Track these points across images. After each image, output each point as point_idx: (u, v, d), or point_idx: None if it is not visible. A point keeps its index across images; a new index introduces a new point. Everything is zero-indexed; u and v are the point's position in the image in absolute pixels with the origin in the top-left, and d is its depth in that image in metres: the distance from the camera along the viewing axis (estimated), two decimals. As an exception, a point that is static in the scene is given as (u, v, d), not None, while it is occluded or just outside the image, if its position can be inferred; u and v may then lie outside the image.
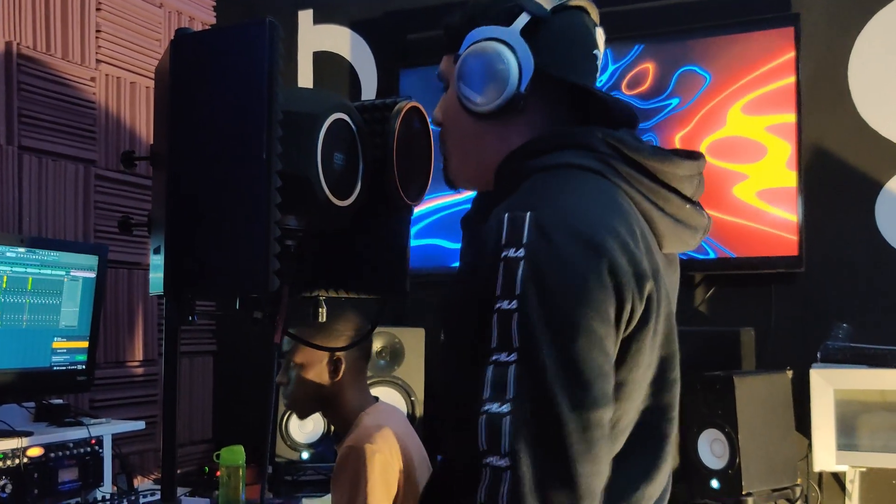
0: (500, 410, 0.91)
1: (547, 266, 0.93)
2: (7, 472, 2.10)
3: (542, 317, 0.92)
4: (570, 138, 1.09)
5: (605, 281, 0.94)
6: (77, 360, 2.43)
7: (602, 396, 0.93)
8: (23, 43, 2.67)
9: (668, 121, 2.78)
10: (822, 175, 2.67)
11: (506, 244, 0.95)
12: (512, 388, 0.91)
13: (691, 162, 1.09)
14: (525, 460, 0.89)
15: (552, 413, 0.90)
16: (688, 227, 1.12)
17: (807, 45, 2.66)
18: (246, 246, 1.14)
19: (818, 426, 2.29)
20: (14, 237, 2.35)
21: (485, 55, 1.10)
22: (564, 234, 0.95)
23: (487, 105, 1.10)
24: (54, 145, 2.75)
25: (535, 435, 0.90)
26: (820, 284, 2.67)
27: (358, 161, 1.30)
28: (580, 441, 0.90)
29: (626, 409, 1.01)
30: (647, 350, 1.00)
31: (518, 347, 0.92)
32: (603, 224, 0.98)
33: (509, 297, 0.93)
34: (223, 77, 1.16)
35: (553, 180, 1.05)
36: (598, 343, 0.93)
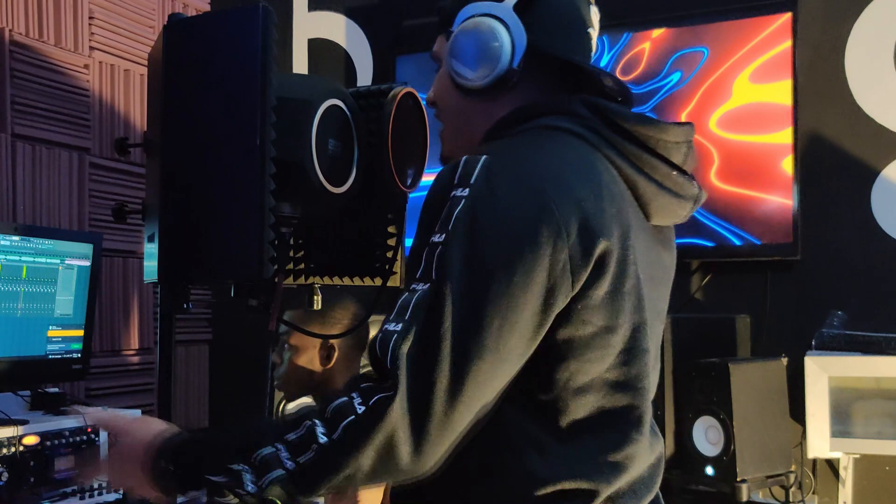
0: (395, 328, 0.93)
1: (484, 207, 0.94)
2: (3, 460, 2.09)
3: (462, 253, 0.93)
4: (553, 106, 1.09)
5: (539, 234, 0.93)
6: (72, 348, 2.43)
7: (490, 351, 0.92)
8: (15, 30, 2.65)
9: (669, 99, 2.76)
10: (819, 162, 2.67)
11: (456, 184, 0.97)
12: (410, 311, 0.93)
13: (679, 128, 1.08)
14: (403, 378, 0.90)
15: (434, 347, 0.91)
16: (676, 196, 1.10)
17: (803, 32, 2.65)
18: (240, 233, 1.14)
19: (812, 413, 2.30)
20: (8, 225, 2.34)
21: (477, 31, 1.09)
22: (510, 180, 0.95)
23: (479, 81, 1.10)
24: (48, 133, 2.74)
25: (411, 364, 0.91)
26: (815, 272, 2.67)
27: (353, 147, 1.29)
28: (446, 390, 0.90)
29: (578, 370, 0.99)
30: (602, 311, 0.98)
31: (434, 279, 0.93)
32: (555, 178, 0.97)
33: (442, 231, 0.95)
34: (216, 63, 1.16)
35: (522, 137, 1.06)
36: (510, 296, 0.92)
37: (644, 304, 1.04)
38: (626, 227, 1.02)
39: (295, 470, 0.93)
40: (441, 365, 0.90)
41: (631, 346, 1.03)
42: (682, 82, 2.74)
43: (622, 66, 2.83)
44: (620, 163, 1.06)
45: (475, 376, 0.91)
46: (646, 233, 1.09)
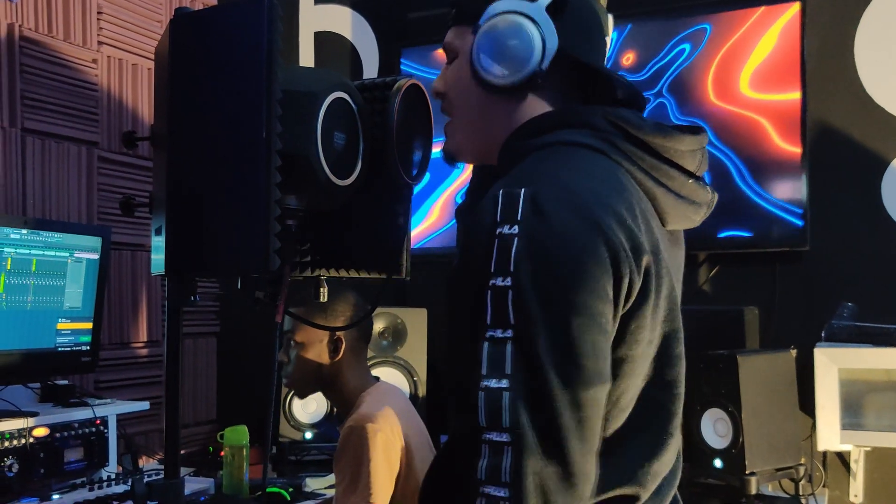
0: (499, 386, 0.91)
1: (541, 242, 0.93)
2: (13, 451, 2.11)
3: (536, 293, 0.92)
4: (573, 117, 1.09)
5: (601, 256, 0.93)
6: (81, 341, 2.44)
7: (596, 375, 0.93)
8: (25, 25, 2.66)
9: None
10: (828, 152, 2.66)
11: (500, 221, 0.95)
12: (509, 365, 0.91)
13: (693, 137, 1.09)
14: (526, 435, 0.89)
15: (545, 390, 0.90)
16: (691, 203, 1.12)
17: (812, 21, 2.63)
18: (246, 226, 1.14)
19: (822, 405, 2.29)
20: (18, 219, 2.36)
21: (510, 28, 1.09)
22: (559, 209, 0.94)
23: (507, 79, 1.10)
24: (57, 127, 2.75)
25: (532, 412, 0.90)
26: (825, 263, 2.66)
27: (358, 140, 1.29)
28: (571, 419, 0.90)
29: (628, 386, 1.01)
30: (648, 326, 1.00)
31: (513, 324, 0.92)
32: (599, 199, 0.97)
33: (503, 273, 0.93)
34: (222, 56, 1.16)
35: (550, 157, 1.05)
36: (593, 320, 0.93)
37: (677, 311, 1.06)
38: (657, 240, 1.03)
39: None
40: (561, 406, 0.90)
41: (665, 353, 1.04)
42: (695, 52, 2.73)
43: (625, 55, 2.82)
44: (640, 175, 1.06)
45: (591, 402, 0.92)
46: (666, 240, 1.10)
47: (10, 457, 2.10)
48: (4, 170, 2.57)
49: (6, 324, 2.22)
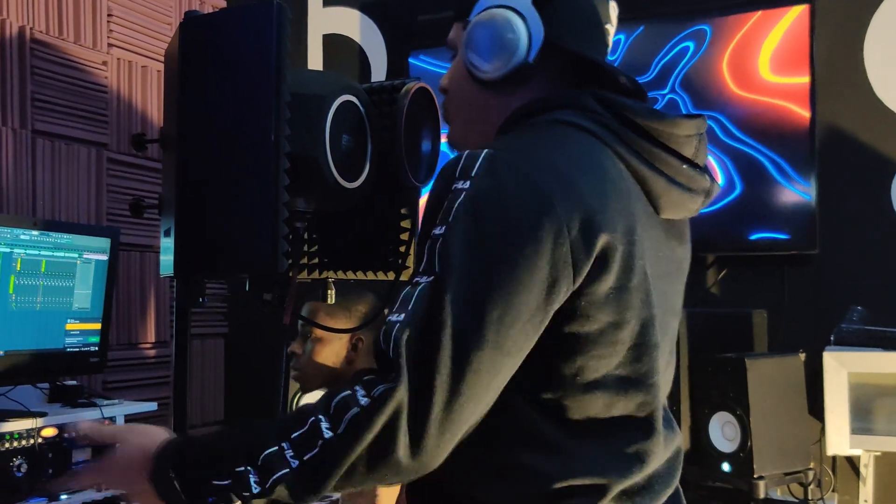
0: (396, 318, 0.92)
1: (485, 199, 0.94)
2: (22, 451, 2.12)
3: (463, 246, 0.92)
4: (563, 99, 1.08)
5: (540, 228, 0.92)
6: (90, 341, 2.45)
7: (493, 341, 0.91)
8: (36, 27, 2.67)
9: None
10: (838, 155, 2.65)
11: (458, 176, 0.96)
12: (413, 303, 0.92)
13: (690, 121, 1.08)
14: (404, 367, 0.89)
15: (435, 337, 0.90)
16: (687, 190, 1.10)
17: (821, 24, 2.62)
18: (255, 228, 1.14)
19: (832, 409, 2.28)
20: (28, 220, 2.37)
21: (494, 22, 1.09)
22: (511, 173, 0.95)
23: (494, 73, 1.10)
24: (67, 129, 2.76)
25: (417, 351, 0.90)
26: (834, 266, 2.65)
27: (366, 142, 1.30)
28: (448, 372, 0.89)
29: (587, 366, 0.99)
30: (607, 307, 0.98)
31: (437, 273, 0.92)
32: (558, 173, 0.97)
33: (442, 223, 0.94)
34: (231, 59, 1.16)
35: (528, 131, 1.06)
36: (511, 289, 0.91)
37: (652, 299, 1.03)
38: (633, 223, 1.01)
39: (299, 468, 0.92)
40: (441, 355, 0.89)
41: (640, 341, 1.02)
42: (700, 50, 2.72)
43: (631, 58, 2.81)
44: (629, 158, 1.05)
45: (475, 368, 0.91)
46: (656, 228, 1.09)
47: (18, 457, 2.11)
48: (15, 171, 2.58)
49: (16, 324, 2.23)
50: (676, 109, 2.75)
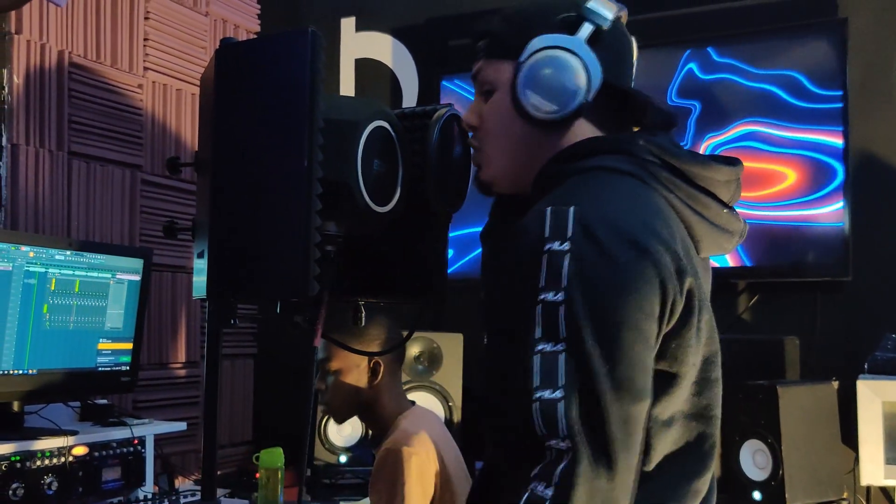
0: (554, 396, 0.93)
1: (592, 261, 0.96)
2: (53, 469, 2.14)
3: (588, 310, 0.94)
4: (611, 143, 1.11)
5: (650, 278, 0.96)
6: (121, 361, 2.48)
7: (642, 391, 0.96)
8: (74, 52, 2.73)
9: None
10: (871, 180, 2.62)
11: (549, 237, 0.97)
12: (562, 376, 0.93)
13: (729, 168, 1.11)
14: (582, 441, 0.92)
15: (597, 404, 0.93)
16: (725, 232, 1.14)
17: (854, 50, 2.61)
18: (287, 251, 1.15)
19: (866, 439, 2.24)
20: (63, 240, 2.41)
21: (555, 63, 1.10)
22: (608, 231, 0.97)
23: (555, 114, 1.11)
24: (102, 151, 2.81)
25: (585, 422, 0.92)
26: (867, 293, 2.61)
27: (397, 168, 1.31)
28: (620, 431, 0.93)
29: (669, 405, 1.03)
30: (692, 348, 1.02)
31: (565, 338, 0.94)
32: (644, 223, 1.00)
33: (555, 288, 0.95)
34: (266, 85, 1.18)
35: (592, 181, 1.07)
36: (641, 338, 0.96)
37: (716, 335, 1.08)
38: (696, 266, 1.05)
39: None
40: (612, 418, 0.93)
41: (703, 377, 1.07)
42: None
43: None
44: (676, 203, 1.08)
45: (637, 420, 0.96)
46: (700, 266, 1.12)
47: (49, 475, 2.13)
48: (51, 192, 2.63)
49: (49, 343, 2.26)
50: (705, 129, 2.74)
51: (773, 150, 2.65)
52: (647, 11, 2.86)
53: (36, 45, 2.61)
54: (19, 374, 2.19)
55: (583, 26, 1.11)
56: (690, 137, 2.75)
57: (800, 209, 2.61)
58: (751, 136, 2.69)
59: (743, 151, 2.67)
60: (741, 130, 2.70)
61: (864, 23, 2.65)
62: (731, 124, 2.72)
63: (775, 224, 2.63)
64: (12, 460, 2.04)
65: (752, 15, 2.81)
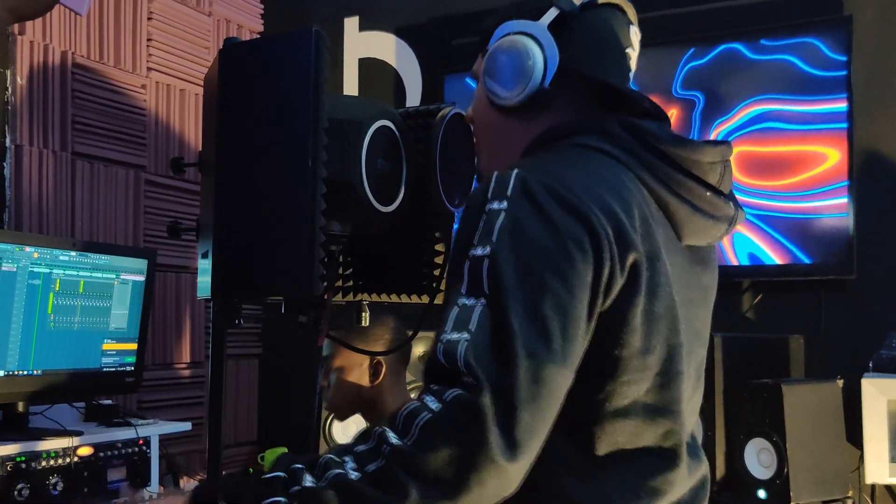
0: (459, 337, 0.90)
1: (525, 220, 0.94)
2: (58, 470, 2.15)
3: (513, 267, 0.92)
4: (587, 124, 1.09)
5: (581, 241, 0.93)
6: (126, 361, 2.48)
7: (560, 355, 0.90)
8: (77, 52, 2.74)
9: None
10: (875, 179, 2.61)
11: (491, 197, 0.97)
12: (475, 322, 0.91)
13: (714, 148, 1.08)
14: (485, 378, 0.87)
15: (510, 356, 0.88)
16: (710, 217, 1.09)
17: (859, 47, 2.60)
18: (291, 251, 1.15)
19: (871, 437, 2.24)
20: (67, 241, 2.41)
21: (510, 49, 1.11)
22: (548, 193, 0.96)
23: (511, 99, 1.12)
24: (106, 151, 2.81)
25: (491, 368, 0.88)
26: (871, 291, 2.61)
27: (401, 167, 1.30)
28: (527, 388, 0.88)
29: (620, 393, 0.99)
30: (638, 330, 0.98)
31: (486, 293, 0.92)
32: (588, 191, 0.97)
33: (483, 243, 0.94)
34: (270, 85, 1.18)
35: (553, 153, 1.07)
36: (566, 301, 0.91)
37: (679, 326, 1.03)
38: (657, 248, 1.01)
39: (361, 479, 0.88)
40: (519, 372, 0.88)
41: (666, 368, 1.02)
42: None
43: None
44: (653, 184, 1.05)
45: (550, 382, 0.90)
46: (680, 254, 1.09)
47: (55, 475, 2.13)
48: (55, 193, 2.64)
49: (54, 344, 2.27)
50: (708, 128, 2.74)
51: (798, 128, 2.63)
52: (651, 10, 2.86)
53: (39, 45, 2.61)
54: (24, 374, 2.20)
55: (548, 12, 1.10)
56: (697, 130, 2.74)
57: (805, 207, 2.60)
58: (764, 117, 2.66)
59: (764, 135, 2.65)
60: (751, 112, 2.68)
61: (869, 19, 2.65)
62: (738, 106, 2.70)
63: (780, 221, 2.63)
64: (17, 461, 2.05)
65: (755, 13, 2.80)
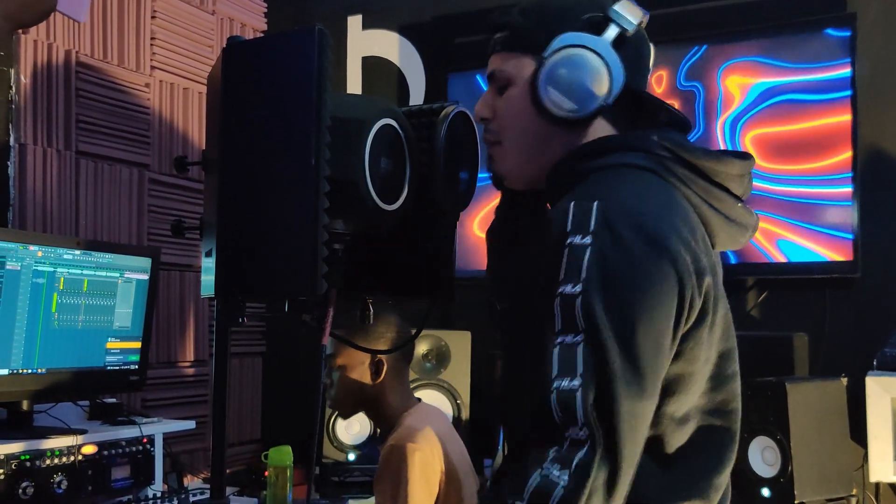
0: (572, 385, 0.93)
1: (612, 255, 0.96)
2: (62, 468, 2.15)
3: (605, 303, 0.94)
4: (627, 141, 1.11)
5: (668, 276, 0.97)
6: (130, 360, 2.49)
7: (651, 389, 0.96)
8: (81, 51, 2.74)
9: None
10: (879, 177, 2.61)
11: (572, 231, 0.98)
12: (580, 366, 0.94)
13: (742, 161, 1.12)
14: (598, 431, 0.92)
15: (610, 397, 0.93)
16: (739, 226, 1.14)
17: (863, 48, 2.60)
18: (295, 250, 1.15)
19: (875, 435, 2.24)
20: (71, 240, 2.41)
21: (583, 64, 1.10)
22: (630, 226, 0.97)
23: (575, 113, 1.11)
24: (110, 150, 2.82)
25: (600, 413, 0.93)
26: (876, 289, 2.60)
27: (405, 166, 1.30)
28: (627, 424, 0.93)
29: (684, 402, 1.04)
30: (705, 345, 1.03)
31: (584, 329, 0.94)
32: (665, 220, 1.00)
33: (573, 281, 0.96)
34: (273, 84, 1.18)
35: (613, 178, 1.07)
36: (655, 337, 0.96)
37: (731, 330, 1.10)
38: (714, 263, 1.06)
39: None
40: (621, 415, 0.93)
41: (718, 372, 1.07)
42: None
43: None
44: (693, 198, 1.09)
45: (643, 418, 0.96)
46: (717, 260, 1.13)
47: (59, 473, 2.13)
48: (59, 191, 2.64)
49: (58, 342, 2.27)
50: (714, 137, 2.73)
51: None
52: (656, 7, 2.85)
53: (43, 44, 2.61)
54: (28, 373, 2.20)
55: (609, 28, 1.10)
56: (702, 122, 2.74)
57: (809, 206, 2.60)
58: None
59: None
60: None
61: (873, 17, 2.64)
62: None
63: (785, 220, 2.62)
64: (22, 459, 2.05)
65: (759, 11, 2.80)
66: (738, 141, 2.70)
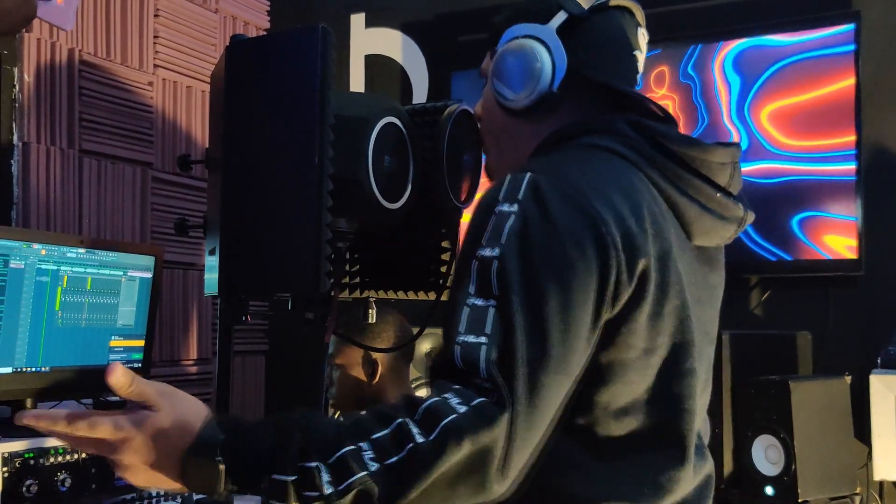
0: (478, 341, 0.91)
1: (535, 224, 0.95)
2: (66, 466, 2.15)
3: (519, 270, 0.93)
4: (597, 124, 1.10)
5: (588, 252, 0.94)
6: (133, 358, 2.49)
7: (559, 362, 0.91)
8: (84, 49, 2.74)
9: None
10: (884, 175, 2.60)
11: (502, 199, 0.98)
12: (488, 327, 0.92)
13: (724, 149, 1.09)
14: (502, 388, 0.88)
15: (512, 358, 0.90)
16: (719, 218, 1.10)
17: (867, 41, 2.59)
18: (298, 248, 1.15)
19: (879, 434, 2.23)
20: (74, 238, 2.42)
21: (519, 52, 1.11)
22: (559, 198, 0.96)
23: (520, 102, 1.13)
24: (113, 148, 2.82)
25: (501, 373, 0.89)
26: (880, 288, 2.60)
27: (408, 164, 1.31)
28: (527, 392, 0.89)
29: (621, 393, 0.99)
30: (643, 333, 0.98)
31: (496, 295, 0.93)
32: (599, 195, 0.98)
33: (492, 244, 0.95)
34: (277, 82, 1.18)
35: (564, 154, 1.07)
36: (567, 309, 0.92)
37: (690, 324, 1.04)
38: (667, 248, 1.01)
39: (380, 472, 0.86)
40: (518, 381, 0.89)
41: (671, 366, 1.02)
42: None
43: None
44: (662, 183, 1.06)
45: (547, 390, 0.91)
46: (689, 253, 1.09)
47: (63, 472, 2.14)
48: (62, 190, 2.64)
49: (62, 341, 2.27)
50: (718, 128, 2.73)
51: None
52: (657, 6, 2.85)
53: (46, 43, 2.62)
54: (32, 371, 2.20)
55: (556, 15, 1.11)
56: (703, 111, 2.74)
57: (813, 203, 2.59)
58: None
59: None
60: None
61: (877, 15, 2.63)
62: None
63: (787, 217, 2.62)
64: (26, 457, 2.05)
65: (761, 9, 2.79)
66: (752, 125, 2.68)
